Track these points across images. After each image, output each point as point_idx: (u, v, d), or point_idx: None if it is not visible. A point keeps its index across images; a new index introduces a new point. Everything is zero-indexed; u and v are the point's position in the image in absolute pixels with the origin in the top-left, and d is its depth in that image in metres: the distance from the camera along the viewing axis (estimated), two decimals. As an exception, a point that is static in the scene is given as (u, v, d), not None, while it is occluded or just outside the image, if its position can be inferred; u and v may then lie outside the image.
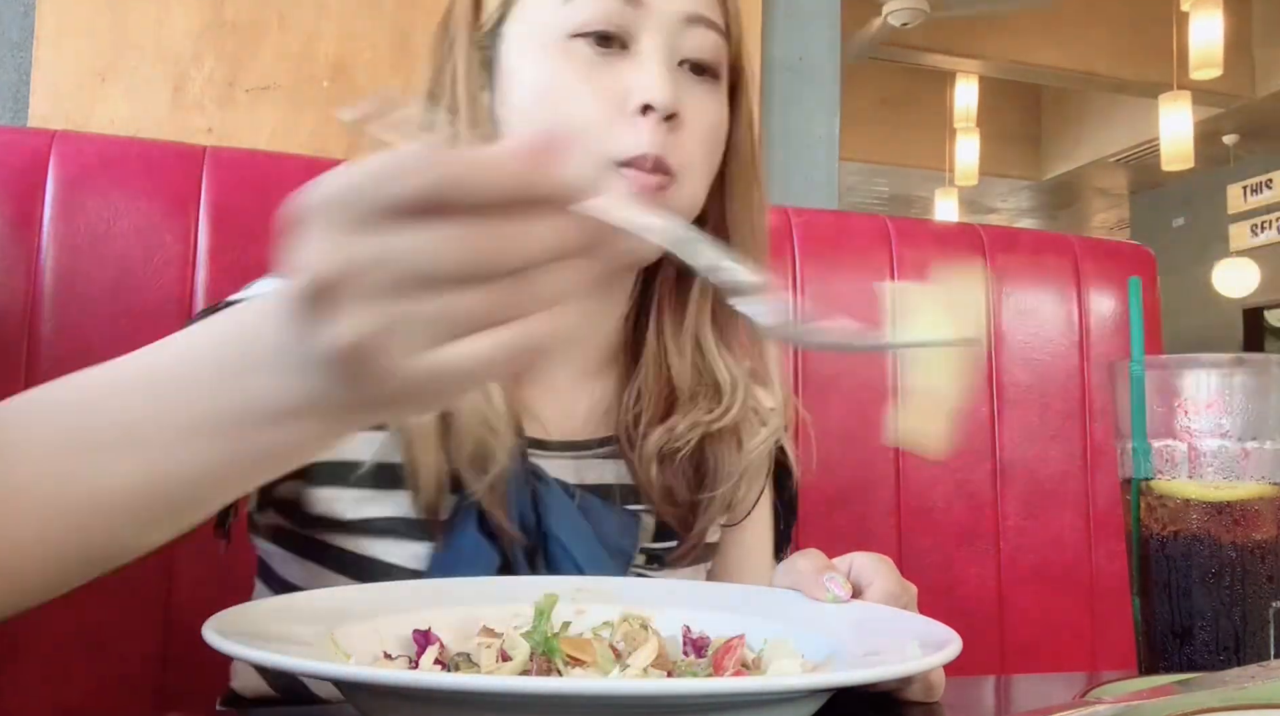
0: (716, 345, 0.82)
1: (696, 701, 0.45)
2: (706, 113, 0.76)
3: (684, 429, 0.79)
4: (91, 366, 0.52)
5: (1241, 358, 0.65)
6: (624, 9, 0.73)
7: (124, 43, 1.33)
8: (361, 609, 0.61)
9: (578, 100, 0.73)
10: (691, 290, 0.82)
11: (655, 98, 0.71)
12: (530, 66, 0.75)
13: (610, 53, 0.73)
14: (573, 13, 0.73)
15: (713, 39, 0.76)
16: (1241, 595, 0.63)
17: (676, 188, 0.74)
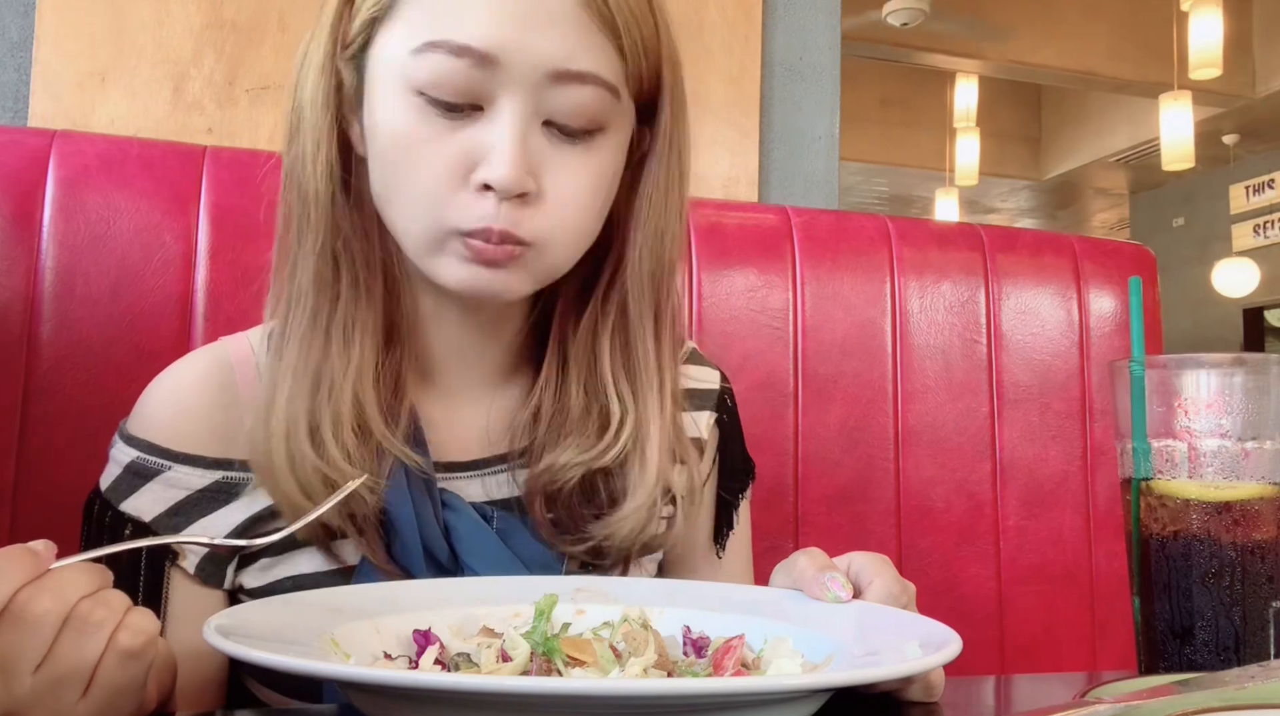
0: (613, 368, 0.77)
1: (696, 701, 0.45)
2: (576, 180, 0.69)
3: (562, 464, 0.74)
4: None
5: (1241, 358, 0.65)
6: (475, 71, 0.65)
7: (124, 43, 1.33)
8: (361, 609, 0.61)
9: (420, 165, 0.67)
10: (589, 305, 0.77)
11: (497, 178, 0.65)
12: (384, 106, 0.69)
13: (459, 116, 0.67)
14: (420, 67, 0.66)
15: (588, 95, 0.67)
16: (1241, 595, 0.63)
17: (535, 255, 0.69)
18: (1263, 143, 7.79)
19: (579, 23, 0.67)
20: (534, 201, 0.68)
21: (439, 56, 0.65)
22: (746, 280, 1.24)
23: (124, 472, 0.73)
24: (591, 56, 0.67)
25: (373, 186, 0.72)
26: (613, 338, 0.77)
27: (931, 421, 1.28)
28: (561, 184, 0.69)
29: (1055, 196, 9.42)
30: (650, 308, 0.77)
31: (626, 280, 0.76)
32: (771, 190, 1.61)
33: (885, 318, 1.29)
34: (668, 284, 0.78)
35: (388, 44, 0.69)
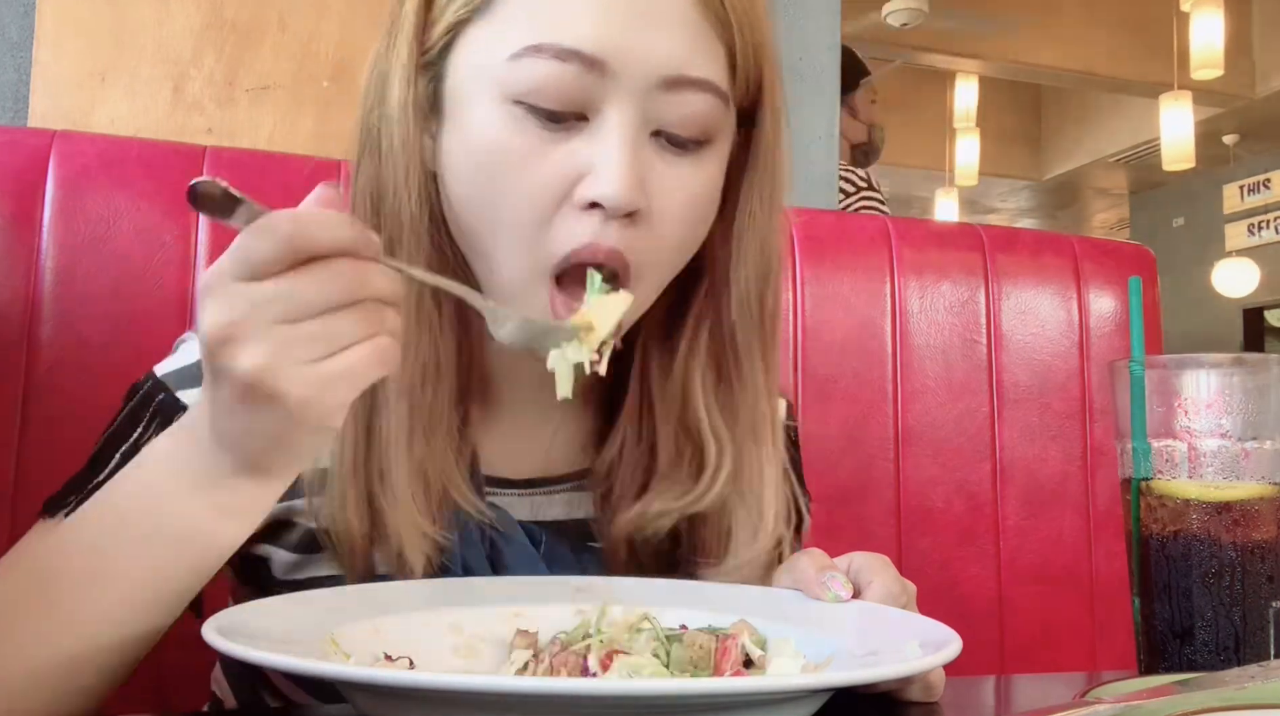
0: (707, 404, 0.69)
1: (696, 701, 0.45)
2: (686, 194, 0.63)
3: (655, 512, 0.68)
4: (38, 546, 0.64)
5: (1241, 358, 0.65)
6: (582, 77, 0.59)
7: (124, 43, 1.33)
8: (361, 609, 0.61)
9: (516, 183, 0.60)
10: (683, 330, 0.70)
11: (607, 195, 0.59)
12: (472, 116, 0.62)
13: (562, 126, 0.60)
14: (520, 73, 0.59)
15: (701, 103, 0.61)
16: (1241, 595, 0.63)
17: (636, 282, 0.62)
18: (1263, 143, 7.79)
19: (694, 24, 0.61)
20: (642, 221, 0.61)
21: (542, 62, 0.59)
22: (746, 280, 1.24)
23: (194, 365, 0.68)
24: (706, 61, 0.62)
25: (455, 207, 0.65)
26: (706, 371, 0.70)
27: (931, 421, 1.28)
28: (671, 200, 0.63)
29: (1055, 196, 9.42)
30: (758, 334, 0.70)
31: (730, 304, 0.69)
32: (771, 190, 1.61)
33: (885, 318, 1.29)
34: (776, 306, 0.71)
35: (477, 48, 0.63)
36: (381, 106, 0.66)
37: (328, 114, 1.40)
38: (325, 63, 1.41)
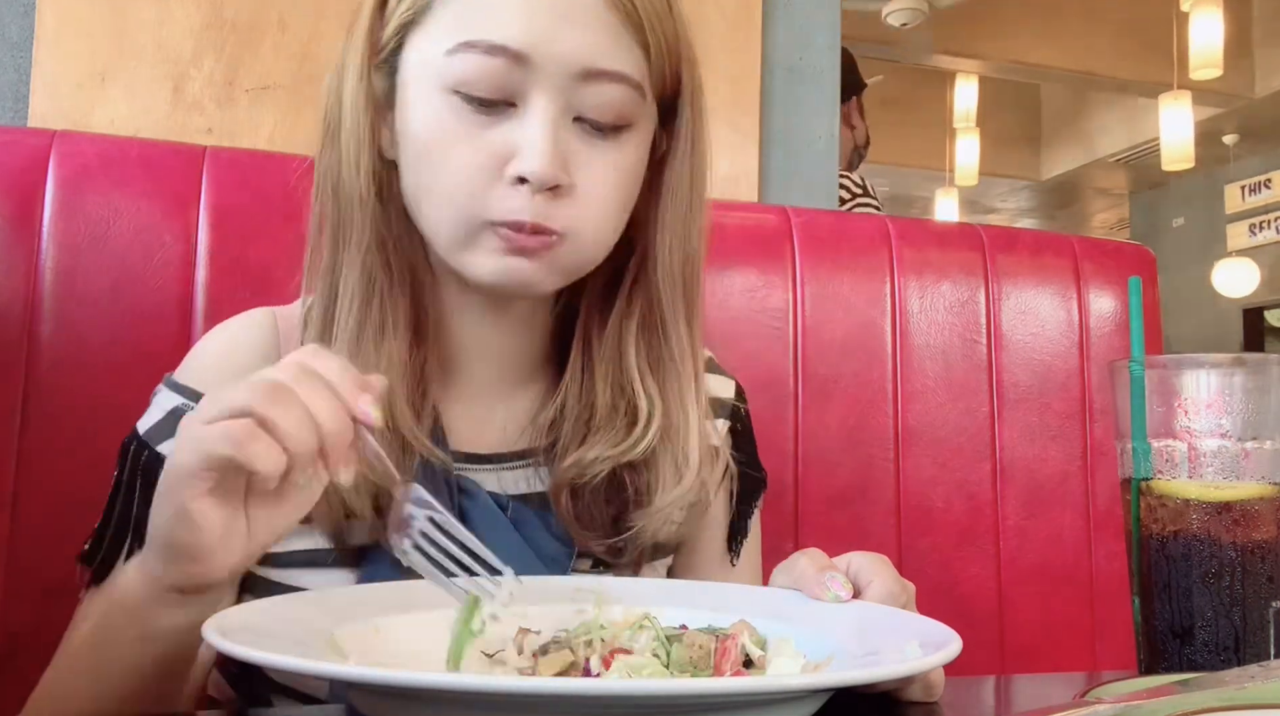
0: (639, 364, 0.78)
1: (696, 701, 0.45)
2: (605, 173, 0.71)
3: (592, 459, 0.75)
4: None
5: (1241, 358, 0.65)
6: (509, 69, 0.67)
7: (124, 43, 1.33)
8: (361, 609, 0.61)
9: (455, 159, 0.69)
10: (616, 302, 0.79)
11: (531, 170, 0.67)
12: (417, 106, 0.71)
13: (493, 112, 0.69)
14: (455, 66, 0.68)
15: (616, 92, 0.70)
16: (1241, 595, 0.63)
17: (566, 245, 0.71)
18: (1262, 143, 7.79)
19: (607, 22, 0.69)
20: (565, 194, 0.69)
21: (473, 56, 0.67)
22: (746, 280, 1.24)
23: (166, 417, 0.74)
24: (619, 56, 0.69)
25: (405, 187, 0.74)
26: (638, 334, 0.78)
27: (931, 421, 1.28)
28: (591, 178, 0.71)
29: (1055, 196, 9.42)
30: (682, 302, 0.78)
31: (656, 276, 0.77)
32: (771, 190, 1.61)
33: (885, 318, 1.29)
34: (697, 278, 0.79)
35: (420, 46, 0.71)
36: (339, 99, 0.74)
37: (328, 114, 1.40)
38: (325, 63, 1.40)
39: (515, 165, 0.68)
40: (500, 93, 0.68)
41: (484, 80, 0.68)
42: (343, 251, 0.74)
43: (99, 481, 0.75)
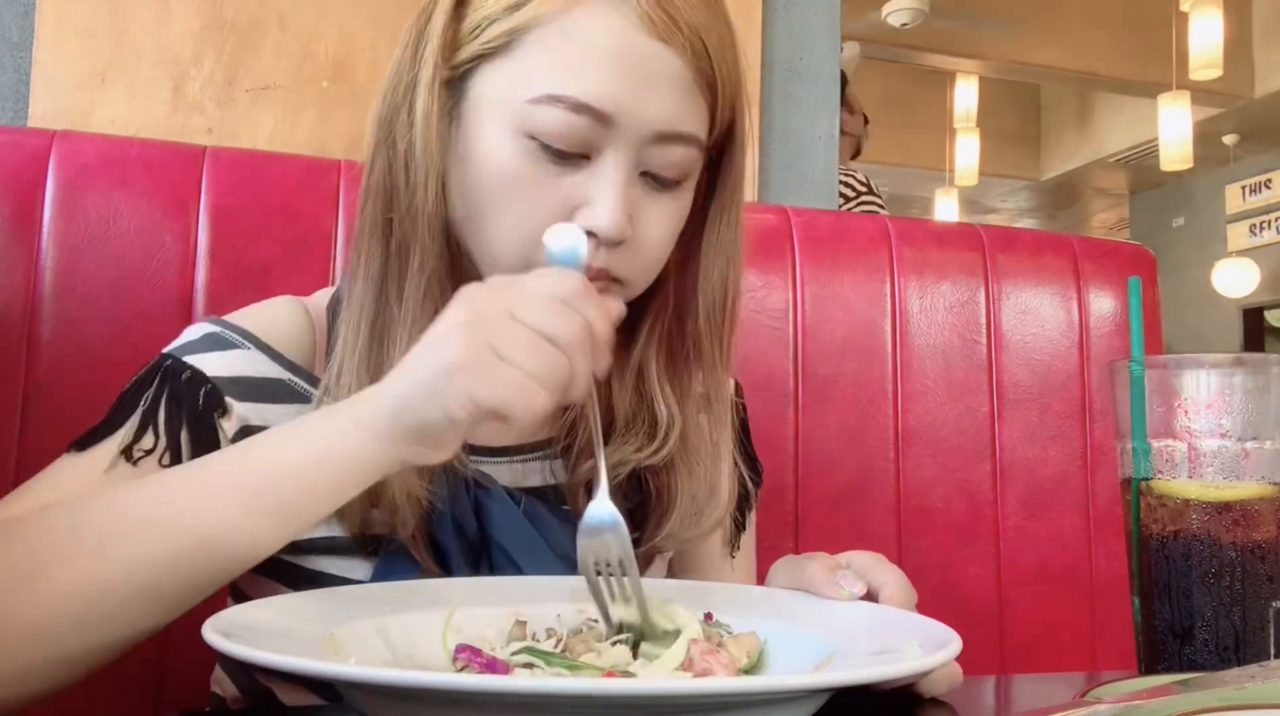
0: (659, 376, 0.79)
1: (696, 701, 0.45)
2: (663, 224, 0.73)
3: (613, 463, 0.76)
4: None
5: (1241, 357, 0.65)
6: (591, 127, 0.68)
7: (124, 43, 1.33)
8: (361, 609, 0.61)
9: (523, 202, 0.69)
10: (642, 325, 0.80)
11: (602, 227, 0.68)
12: (488, 139, 0.70)
13: (567, 163, 0.69)
14: (537, 115, 0.68)
15: (684, 151, 0.71)
16: (1241, 595, 0.63)
17: (619, 289, 0.72)
18: (1262, 143, 7.79)
19: (687, 87, 0.70)
20: (627, 245, 0.71)
21: (558, 110, 0.67)
22: (746, 280, 1.23)
23: (199, 338, 0.76)
24: (693, 119, 0.71)
25: (458, 205, 0.73)
26: (659, 353, 0.80)
27: (931, 421, 1.28)
28: (651, 229, 0.72)
29: (1055, 196, 9.42)
30: (720, 331, 0.80)
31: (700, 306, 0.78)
32: (771, 190, 1.61)
33: (885, 318, 1.29)
34: (735, 310, 0.81)
35: (497, 82, 0.71)
36: (408, 113, 0.72)
37: (328, 114, 1.40)
38: (325, 63, 1.41)
39: (585, 218, 0.69)
40: (578, 146, 0.69)
41: (565, 135, 0.68)
42: (403, 267, 0.73)
43: (99, 481, 0.75)
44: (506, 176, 0.69)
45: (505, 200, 0.70)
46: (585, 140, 0.68)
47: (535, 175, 0.69)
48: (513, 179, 0.69)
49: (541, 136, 0.68)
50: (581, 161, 0.69)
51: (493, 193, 0.70)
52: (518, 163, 0.69)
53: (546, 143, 0.68)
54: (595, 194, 0.69)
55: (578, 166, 0.69)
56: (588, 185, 0.69)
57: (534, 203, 0.69)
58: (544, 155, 0.69)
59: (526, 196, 0.69)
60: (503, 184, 0.70)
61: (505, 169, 0.69)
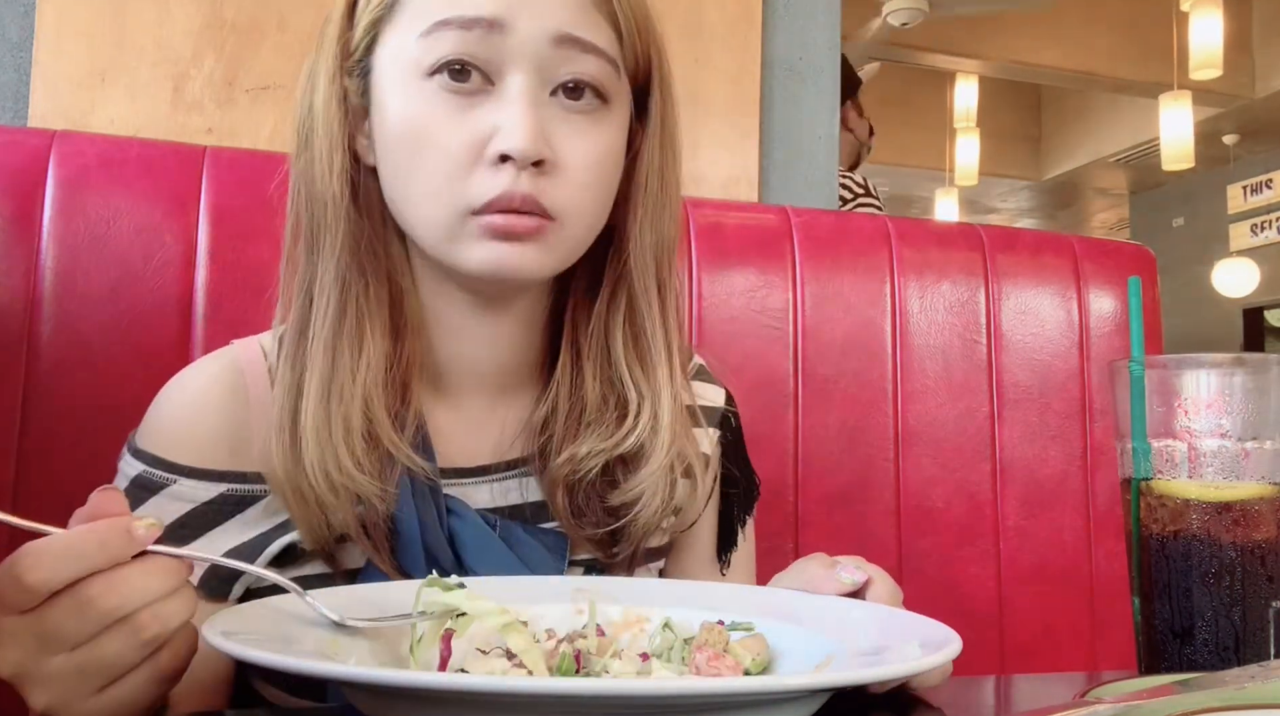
0: (626, 358, 0.78)
1: (697, 701, 0.45)
2: (587, 147, 0.71)
3: (585, 454, 0.75)
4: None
5: (1241, 357, 0.65)
6: (485, 40, 0.67)
7: (124, 43, 1.33)
8: (362, 609, 0.61)
9: (436, 147, 0.68)
10: (599, 297, 0.78)
11: (514, 146, 0.67)
12: (394, 100, 0.70)
13: (470, 92, 0.68)
14: (430, 46, 0.68)
15: (591, 64, 0.70)
16: (1241, 595, 0.63)
17: (558, 229, 0.70)
18: (1262, 143, 7.79)
19: (579, 1, 0.70)
20: (550, 172, 0.69)
21: (449, 32, 0.68)
22: (746, 280, 1.24)
23: (130, 486, 0.73)
24: (592, 30, 0.70)
25: (385, 188, 0.73)
26: (624, 326, 0.78)
27: (931, 421, 1.28)
28: (574, 152, 0.70)
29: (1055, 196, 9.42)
30: (654, 283, 0.78)
31: (630, 259, 0.77)
32: (771, 190, 1.61)
33: (885, 318, 1.29)
34: (669, 260, 0.79)
35: (394, 38, 0.71)
36: (310, 104, 0.74)
37: (328, 114, 1.40)
38: (325, 63, 1.41)
39: (497, 143, 0.67)
40: (476, 59, 0.68)
41: (462, 53, 0.68)
42: (317, 257, 0.73)
43: (99, 481, 0.75)
44: (418, 124, 0.69)
45: (420, 148, 0.69)
46: (483, 57, 0.68)
47: (442, 115, 0.68)
48: (424, 124, 0.69)
49: (440, 64, 0.68)
50: (486, 89, 0.69)
51: (408, 144, 0.70)
52: (423, 108, 0.69)
53: (447, 69, 0.68)
54: (504, 117, 0.68)
55: (482, 96, 0.69)
56: (495, 113, 0.68)
57: (446, 142, 0.68)
58: (446, 89, 0.68)
59: (438, 138, 0.68)
60: (415, 132, 0.69)
61: (415, 117, 0.69)
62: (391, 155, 0.71)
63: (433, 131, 0.69)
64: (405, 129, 0.70)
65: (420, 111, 0.69)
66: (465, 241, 0.70)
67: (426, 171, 0.69)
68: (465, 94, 0.68)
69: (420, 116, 0.69)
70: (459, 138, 0.68)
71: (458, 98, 0.68)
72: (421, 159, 0.69)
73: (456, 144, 0.68)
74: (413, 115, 0.69)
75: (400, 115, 0.70)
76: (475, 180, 0.68)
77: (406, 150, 0.70)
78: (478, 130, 0.68)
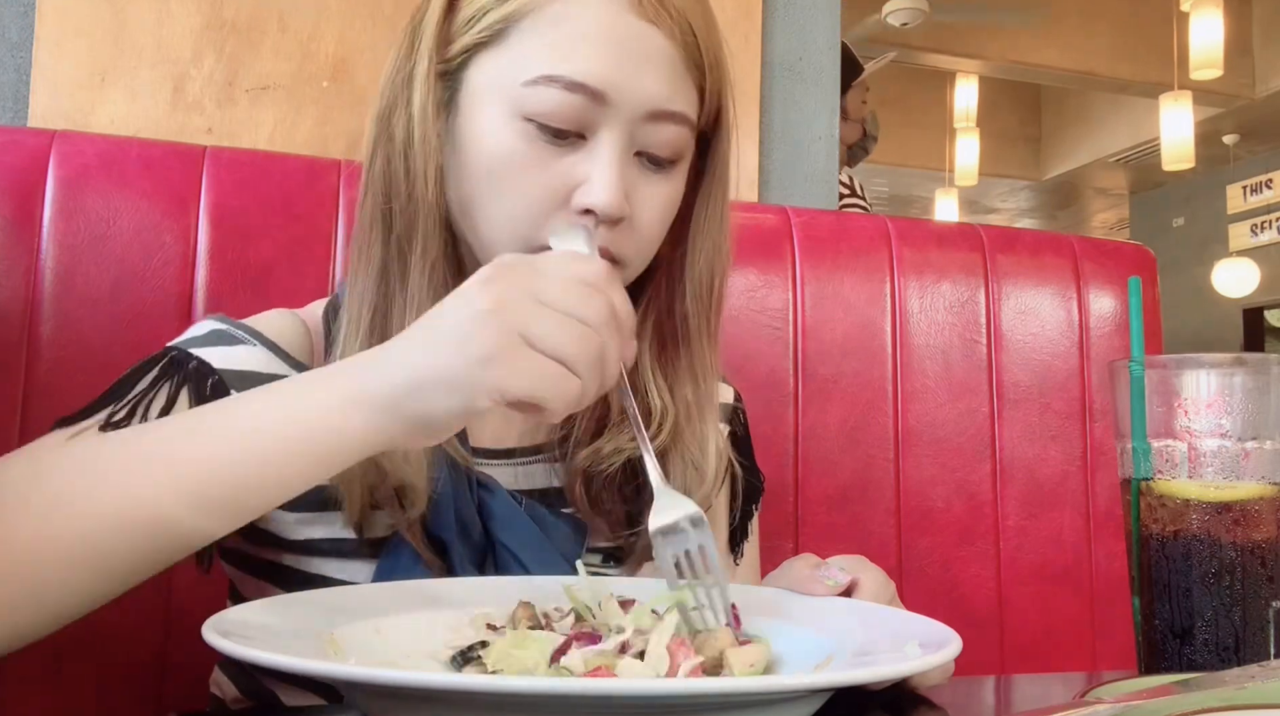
0: (652, 367, 0.80)
1: (697, 701, 0.45)
2: (659, 203, 0.74)
3: (609, 451, 0.78)
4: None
5: (1241, 357, 0.65)
6: (586, 106, 0.69)
7: (124, 43, 1.33)
8: (362, 609, 0.61)
9: (522, 185, 0.70)
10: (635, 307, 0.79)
11: (600, 204, 0.69)
12: (484, 125, 0.72)
13: (563, 143, 0.70)
14: (531, 95, 0.70)
15: (676, 130, 0.73)
16: (1241, 595, 0.63)
17: (621, 272, 0.73)
18: (1263, 143, 7.79)
19: (677, 67, 0.72)
20: (625, 225, 0.72)
21: (553, 90, 0.69)
22: (746, 280, 1.24)
23: (205, 334, 0.76)
24: (682, 98, 0.72)
25: (456, 194, 0.75)
26: (651, 342, 0.80)
27: (931, 421, 1.28)
28: (647, 210, 0.73)
29: (1055, 196, 9.42)
30: (706, 318, 0.81)
31: (686, 292, 0.79)
32: (771, 190, 1.61)
33: (885, 318, 1.29)
34: (722, 295, 0.82)
35: (492, 69, 0.72)
36: (405, 106, 0.74)
37: (328, 114, 1.40)
38: (325, 63, 1.40)
39: (583, 196, 0.70)
40: (574, 125, 0.70)
41: (561, 114, 0.69)
42: (406, 257, 0.74)
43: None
44: (504, 159, 0.71)
45: (503, 183, 0.71)
46: (580, 119, 0.70)
47: (532, 156, 0.70)
48: (510, 161, 0.70)
49: (538, 117, 0.69)
50: (578, 141, 0.71)
51: (491, 176, 0.71)
52: (514, 145, 0.70)
53: (543, 123, 0.69)
54: (592, 171, 0.70)
55: (574, 146, 0.71)
56: (585, 164, 0.70)
57: (532, 183, 0.70)
58: (540, 136, 0.70)
59: (524, 177, 0.70)
60: (500, 167, 0.71)
61: (502, 152, 0.71)
62: (471, 174, 0.73)
63: (519, 171, 0.70)
64: (492, 160, 0.71)
65: (511, 149, 0.70)
66: None
67: (505, 204, 0.71)
68: (555, 143, 0.70)
69: (509, 154, 0.71)
70: (545, 181, 0.70)
71: (548, 146, 0.70)
72: (502, 192, 0.71)
73: (541, 187, 0.70)
74: (501, 150, 0.71)
75: (491, 145, 0.71)
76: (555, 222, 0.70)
77: (488, 179, 0.71)
78: (565, 177, 0.70)
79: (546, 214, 0.70)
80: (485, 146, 0.71)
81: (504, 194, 0.71)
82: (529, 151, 0.70)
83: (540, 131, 0.70)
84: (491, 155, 0.71)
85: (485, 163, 0.72)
